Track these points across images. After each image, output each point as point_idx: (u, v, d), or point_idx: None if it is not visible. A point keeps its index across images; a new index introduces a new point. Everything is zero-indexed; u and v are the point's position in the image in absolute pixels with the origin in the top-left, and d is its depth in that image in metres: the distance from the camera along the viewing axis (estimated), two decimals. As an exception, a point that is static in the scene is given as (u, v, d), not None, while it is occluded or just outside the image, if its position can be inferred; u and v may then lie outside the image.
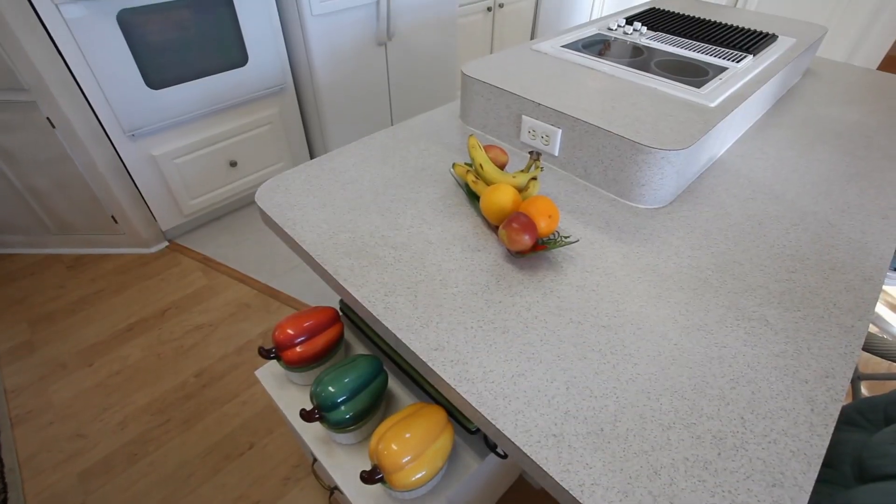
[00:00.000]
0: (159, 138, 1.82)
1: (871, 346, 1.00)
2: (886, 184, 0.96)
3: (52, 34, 1.46)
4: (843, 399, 0.60)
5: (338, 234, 0.80)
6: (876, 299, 0.73)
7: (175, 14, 1.64)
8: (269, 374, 0.95)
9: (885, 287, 1.99)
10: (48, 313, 1.82)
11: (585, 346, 0.63)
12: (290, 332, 0.84)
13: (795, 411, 0.57)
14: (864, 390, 1.61)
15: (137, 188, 1.89)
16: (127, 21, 1.55)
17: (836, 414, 0.57)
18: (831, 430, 0.55)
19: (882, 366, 1.71)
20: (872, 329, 1.85)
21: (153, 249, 2.08)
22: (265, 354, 0.85)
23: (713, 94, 0.98)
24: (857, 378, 1.15)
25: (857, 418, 0.86)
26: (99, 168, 1.77)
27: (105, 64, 1.57)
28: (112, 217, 1.94)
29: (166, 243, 2.12)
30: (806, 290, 0.73)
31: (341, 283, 0.71)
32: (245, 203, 2.32)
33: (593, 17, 3.54)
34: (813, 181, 0.96)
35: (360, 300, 0.69)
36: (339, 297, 1.83)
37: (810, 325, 0.67)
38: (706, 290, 0.72)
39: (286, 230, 0.81)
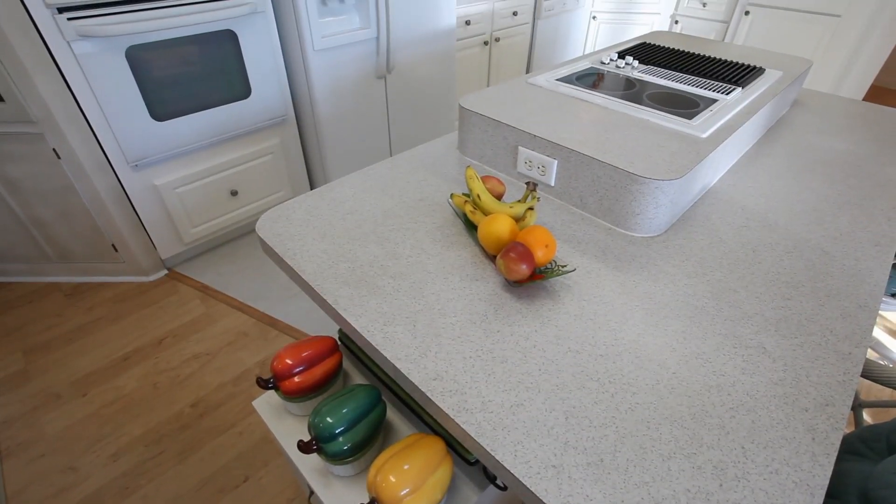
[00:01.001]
0: (162, 168, 1.85)
1: (871, 373, 0.99)
2: (877, 212, 0.98)
3: (63, 69, 1.50)
4: (845, 427, 0.59)
5: (337, 264, 0.80)
6: (872, 326, 0.74)
7: (182, 50, 1.70)
8: (267, 404, 0.94)
9: (883, 313, 1.99)
10: (44, 342, 1.80)
11: (584, 376, 0.63)
12: (288, 361, 0.84)
13: (796, 440, 0.56)
14: (868, 418, 1.59)
15: (139, 217, 1.91)
16: (135, 56, 1.60)
17: (838, 443, 0.57)
18: (833, 459, 0.55)
19: (884, 393, 1.69)
20: (873, 355, 1.85)
21: (152, 278, 2.09)
22: (263, 384, 0.85)
23: (704, 125, 1.01)
24: (858, 406, 1.14)
25: (860, 447, 0.85)
26: (102, 198, 1.79)
27: (112, 97, 1.61)
28: (112, 245, 1.95)
29: (165, 271, 2.12)
30: (802, 318, 0.74)
31: (340, 312, 0.72)
32: (245, 231, 2.33)
33: (586, 52, 3.65)
34: (805, 209, 0.98)
35: (358, 329, 0.69)
36: (337, 327, 1.83)
37: (808, 353, 0.68)
38: (703, 317, 0.73)
39: (286, 260, 0.81)
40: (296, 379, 0.84)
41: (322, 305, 0.76)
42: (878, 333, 1.91)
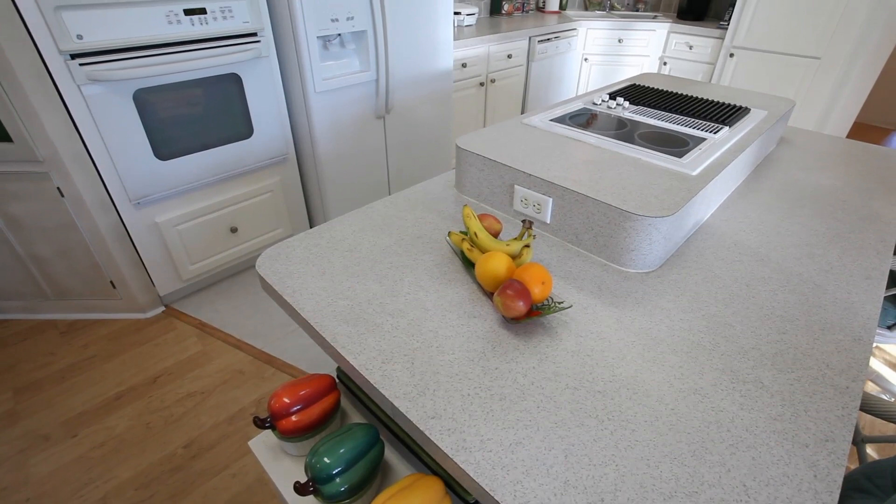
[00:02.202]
0: (163, 206, 1.88)
1: (873, 408, 0.99)
2: (866, 245, 1.00)
3: (71, 111, 1.55)
4: (847, 463, 0.59)
5: (336, 302, 0.81)
6: (867, 359, 0.74)
7: (187, 92, 1.76)
8: (263, 444, 0.93)
9: (883, 346, 1.99)
10: (36, 381, 1.78)
11: (583, 413, 0.63)
12: (286, 400, 0.83)
13: (798, 477, 0.56)
14: (873, 453, 1.56)
15: (138, 254, 1.92)
16: (142, 98, 1.66)
17: (840, 480, 0.56)
18: (836, 497, 0.54)
19: (888, 428, 1.67)
20: (874, 389, 1.83)
21: (149, 314, 2.08)
22: (260, 424, 0.84)
23: (694, 163, 1.04)
24: (861, 441, 1.12)
25: (865, 484, 0.84)
26: (102, 235, 1.80)
27: (118, 137, 1.66)
28: (111, 282, 1.96)
29: (162, 308, 2.11)
30: (798, 351, 0.74)
31: (339, 350, 0.72)
32: (243, 268, 2.34)
33: (579, 92, 3.77)
34: (796, 243, 1.00)
35: (357, 367, 0.69)
36: (334, 364, 1.81)
37: (805, 387, 0.68)
38: (699, 352, 0.73)
39: (286, 298, 0.82)
40: (293, 418, 0.83)
41: (320, 343, 0.77)
42: (879, 367, 1.90)
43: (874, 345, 1.92)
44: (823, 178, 1.27)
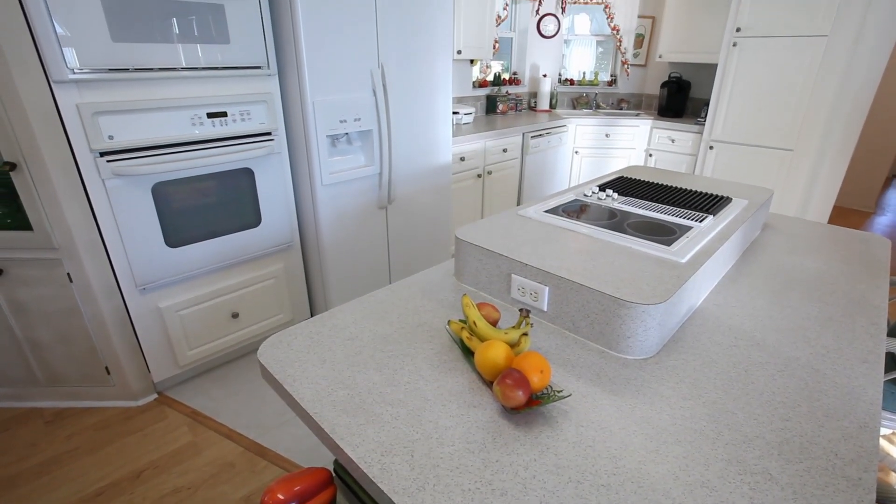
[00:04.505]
0: (168, 291, 1.91)
1: (891, 498, 0.94)
2: (858, 328, 1.02)
3: (92, 202, 1.64)
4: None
5: (336, 391, 0.81)
6: (876, 447, 0.73)
7: (202, 184, 1.87)
8: (252, 548, 0.87)
9: (889, 431, 1.91)
10: (12, 476, 1.68)
11: (588, 509, 0.61)
12: (280, 496, 0.80)
13: (817, 583, 0.53)
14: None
15: (137, 339, 1.92)
16: (159, 190, 1.76)
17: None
18: None
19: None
20: (894, 478, 1.73)
21: (140, 402, 2.02)
22: (251, 524, 0.80)
23: (682, 250, 1.09)
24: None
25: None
26: (104, 320, 1.82)
27: (132, 226, 1.74)
28: (106, 368, 1.93)
29: (155, 395, 2.06)
30: (804, 440, 0.73)
31: (337, 441, 0.71)
32: (241, 354, 2.32)
33: (572, 182, 3.99)
34: (790, 327, 1.02)
35: (355, 460, 0.68)
36: (329, 456, 1.73)
37: (816, 479, 0.66)
38: (703, 442, 0.72)
39: (285, 386, 0.82)
40: (286, 517, 0.79)
41: (318, 434, 0.76)
42: (893, 450, 1.81)
43: (889, 432, 1.85)
44: (809, 263, 1.32)
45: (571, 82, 4.35)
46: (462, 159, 2.92)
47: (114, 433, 1.87)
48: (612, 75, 4.36)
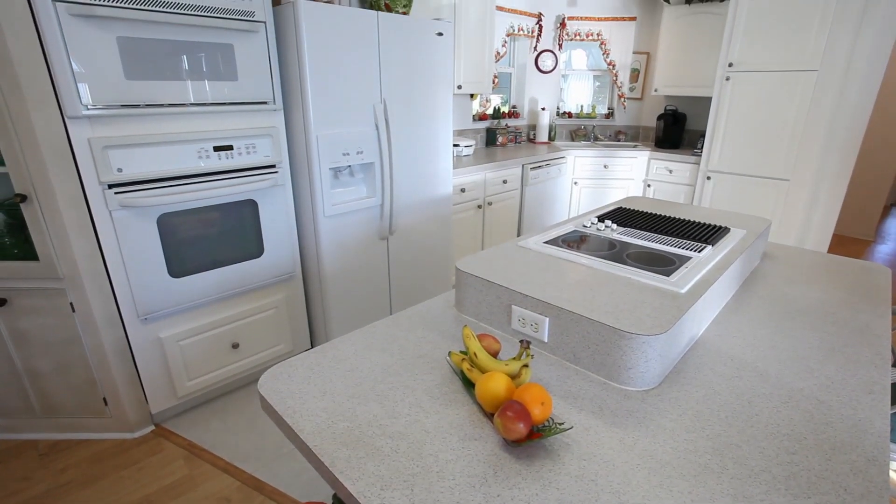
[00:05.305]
0: (169, 321, 1.92)
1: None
2: (862, 358, 1.01)
3: (99, 233, 1.66)
4: None
5: (336, 423, 0.81)
6: (886, 482, 0.71)
7: (207, 215, 1.90)
8: (247, 589, 0.85)
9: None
10: (4, 514, 1.65)
11: (591, 547, 0.60)
12: (277, 534, 0.78)
13: None
14: None
15: (137, 370, 1.90)
16: (164, 221, 1.79)
17: None
18: None
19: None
20: None
21: (136, 434, 1.99)
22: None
23: (682, 281, 1.10)
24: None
25: None
26: (104, 350, 1.81)
27: (136, 256, 1.75)
28: (103, 399, 1.91)
29: (152, 427, 2.03)
30: (811, 474, 0.72)
31: (337, 475, 0.70)
32: (240, 385, 2.30)
33: (571, 212, 4.03)
34: (792, 357, 1.01)
35: (355, 495, 0.67)
36: (328, 490, 1.69)
37: (824, 517, 0.65)
38: (708, 476, 0.71)
39: (285, 418, 0.82)
40: (283, 556, 0.77)
41: (318, 467, 0.75)
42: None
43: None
44: (809, 292, 1.32)
45: (569, 115, 4.45)
46: (462, 190, 2.97)
47: (108, 466, 1.84)
48: (609, 108, 4.46)
